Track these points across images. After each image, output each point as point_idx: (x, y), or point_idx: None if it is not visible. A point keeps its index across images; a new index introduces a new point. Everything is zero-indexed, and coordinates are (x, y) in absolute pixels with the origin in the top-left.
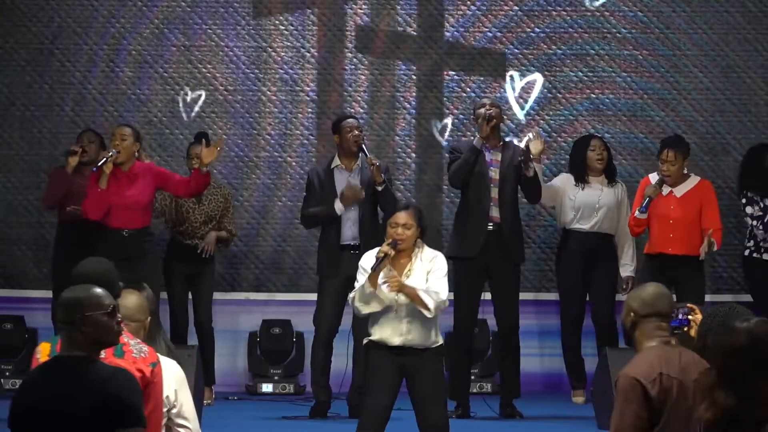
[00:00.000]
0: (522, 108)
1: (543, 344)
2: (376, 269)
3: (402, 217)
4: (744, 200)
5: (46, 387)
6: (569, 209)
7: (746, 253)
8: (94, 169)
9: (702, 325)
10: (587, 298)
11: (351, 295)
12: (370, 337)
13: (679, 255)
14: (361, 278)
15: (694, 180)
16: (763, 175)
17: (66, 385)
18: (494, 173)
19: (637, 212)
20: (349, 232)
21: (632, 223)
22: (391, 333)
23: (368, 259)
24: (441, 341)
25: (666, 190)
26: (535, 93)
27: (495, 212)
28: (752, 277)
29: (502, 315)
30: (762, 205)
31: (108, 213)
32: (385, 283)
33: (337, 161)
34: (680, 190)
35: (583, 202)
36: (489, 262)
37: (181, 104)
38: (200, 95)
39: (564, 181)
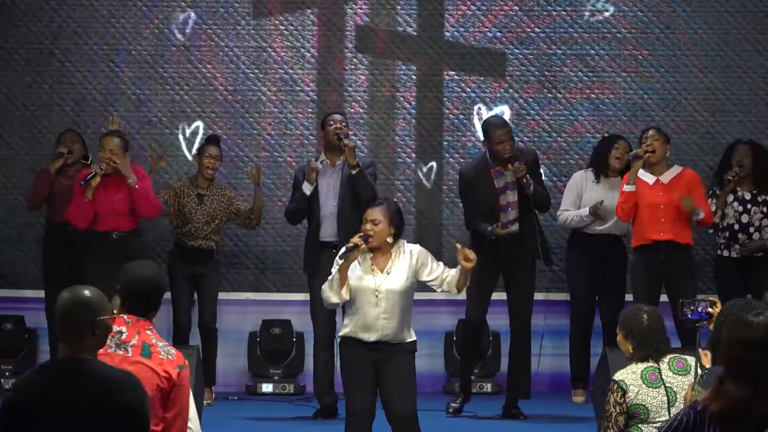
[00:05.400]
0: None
1: (540, 344)
2: (346, 259)
3: (372, 213)
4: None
5: (54, 389)
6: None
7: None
8: (82, 183)
9: (717, 319)
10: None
11: (324, 285)
12: (343, 333)
13: (670, 241)
14: (335, 270)
15: (678, 168)
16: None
17: (77, 388)
18: (511, 196)
19: (625, 186)
20: (330, 228)
21: (620, 200)
22: (367, 328)
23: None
24: (414, 338)
25: (652, 179)
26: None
27: (513, 221)
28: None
29: (517, 313)
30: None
31: (95, 217)
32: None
33: (322, 156)
34: (666, 177)
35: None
36: (505, 261)
37: (181, 139)
38: (198, 126)
39: (580, 182)
